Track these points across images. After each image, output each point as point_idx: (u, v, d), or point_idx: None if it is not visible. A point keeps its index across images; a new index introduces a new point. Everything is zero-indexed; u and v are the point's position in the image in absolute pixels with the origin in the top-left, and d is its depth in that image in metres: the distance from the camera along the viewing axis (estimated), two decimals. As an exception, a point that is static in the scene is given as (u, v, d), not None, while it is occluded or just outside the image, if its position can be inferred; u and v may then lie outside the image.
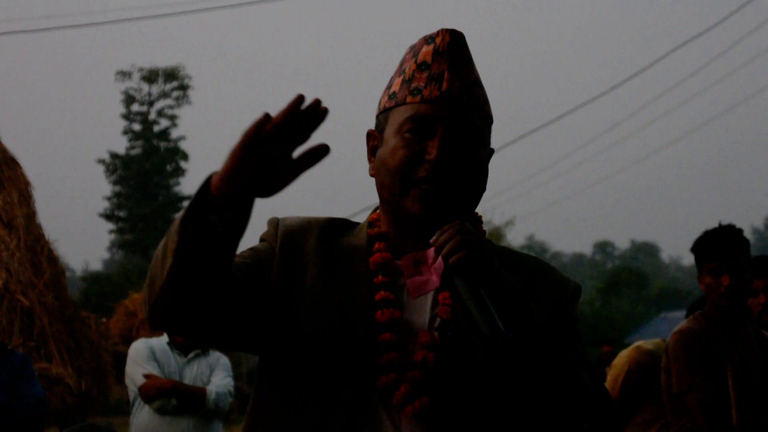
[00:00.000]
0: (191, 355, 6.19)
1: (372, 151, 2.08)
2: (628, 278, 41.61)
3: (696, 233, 4.47)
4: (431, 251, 1.86)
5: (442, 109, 1.97)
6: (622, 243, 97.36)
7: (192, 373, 6.14)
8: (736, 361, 4.19)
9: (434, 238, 1.85)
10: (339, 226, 2.11)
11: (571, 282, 2.10)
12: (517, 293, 1.84)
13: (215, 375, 6.19)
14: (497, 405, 1.89)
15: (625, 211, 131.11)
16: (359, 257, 2.03)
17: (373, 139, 2.08)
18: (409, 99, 2.00)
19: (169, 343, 6.15)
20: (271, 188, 1.71)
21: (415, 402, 1.89)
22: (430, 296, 1.99)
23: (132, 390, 6.09)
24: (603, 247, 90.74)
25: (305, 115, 1.65)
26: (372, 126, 2.12)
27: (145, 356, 6.04)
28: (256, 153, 1.67)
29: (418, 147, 1.96)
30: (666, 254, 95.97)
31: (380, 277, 2.00)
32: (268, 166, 1.68)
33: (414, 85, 2.00)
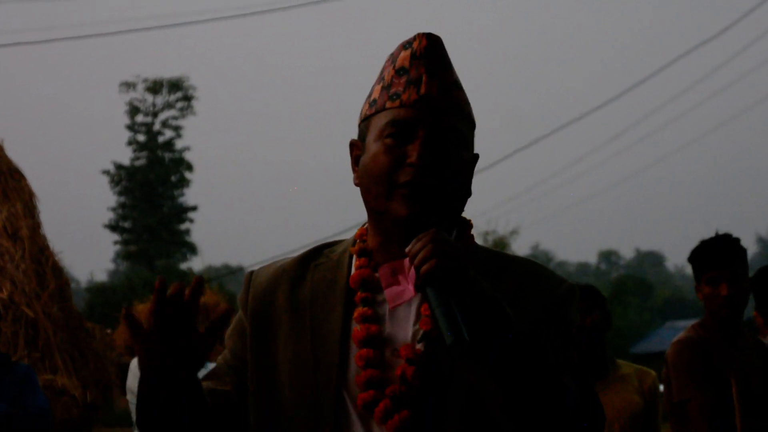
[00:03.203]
0: None
1: (356, 161, 2.06)
2: (634, 287, 41.61)
3: (701, 242, 4.46)
4: (408, 260, 1.85)
5: (421, 112, 1.95)
6: (627, 252, 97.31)
7: None
8: (738, 369, 4.18)
9: (409, 247, 1.84)
10: (316, 256, 2.10)
11: (565, 283, 2.04)
12: (493, 301, 1.81)
13: None
14: (479, 416, 1.87)
15: (630, 220, 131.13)
16: (338, 280, 2.03)
17: (357, 149, 2.06)
18: (388, 104, 1.98)
19: None
20: (194, 361, 1.85)
21: (394, 417, 1.88)
22: (413, 309, 1.97)
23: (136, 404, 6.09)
24: (608, 256, 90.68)
25: (178, 298, 1.82)
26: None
27: None
28: (153, 348, 1.83)
29: (399, 152, 1.94)
30: (671, 263, 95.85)
31: (359, 293, 1.99)
32: (178, 349, 1.83)
33: (393, 90, 1.99)
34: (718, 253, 4.31)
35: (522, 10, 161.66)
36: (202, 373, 1.97)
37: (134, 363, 6.26)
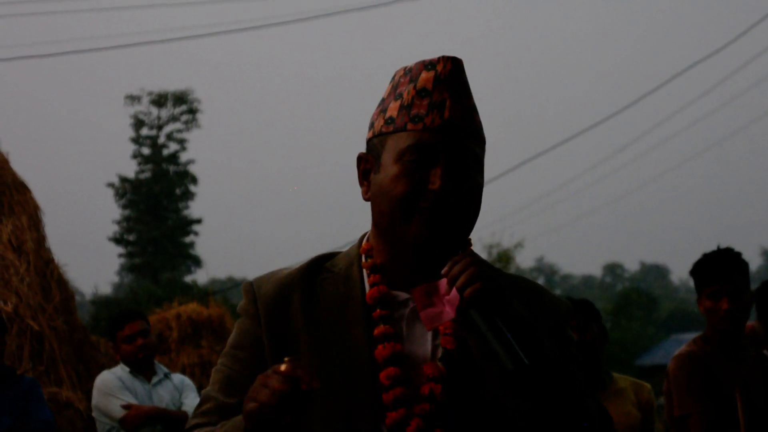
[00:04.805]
0: (155, 380, 6.14)
1: (364, 175, 2.06)
2: (638, 300, 41.54)
3: (706, 255, 4.45)
4: (443, 282, 1.85)
5: (444, 137, 1.95)
6: (631, 265, 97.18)
7: (162, 397, 6.07)
8: (740, 383, 4.18)
9: (446, 269, 1.84)
10: (320, 268, 2.08)
11: (563, 302, 2.10)
12: (528, 323, 1.84)
13: (187, 397, 6.13)
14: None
15: (635, 232, 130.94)
16: (352, 295, 2.02)
17: (366, 163, 2.05)
18: (410, 126, 1.97)
19: (131, 372, 6.10)
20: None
21: None
22: None
23: (105, 422, 5.99)
24: (613, 269, 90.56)
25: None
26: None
27: (118, 387, 5.97)
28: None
29: (420, 175, 1.94)
30: (676, 276, 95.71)
31: (378, 311, 1.98)
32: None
33: (414, 111, 1.97)
34: (719, 268, 4.32)
35: (527, 21, 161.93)
36: None
37: (99, 379, 6.13)
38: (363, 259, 2.06)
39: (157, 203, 45.15)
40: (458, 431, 1.90)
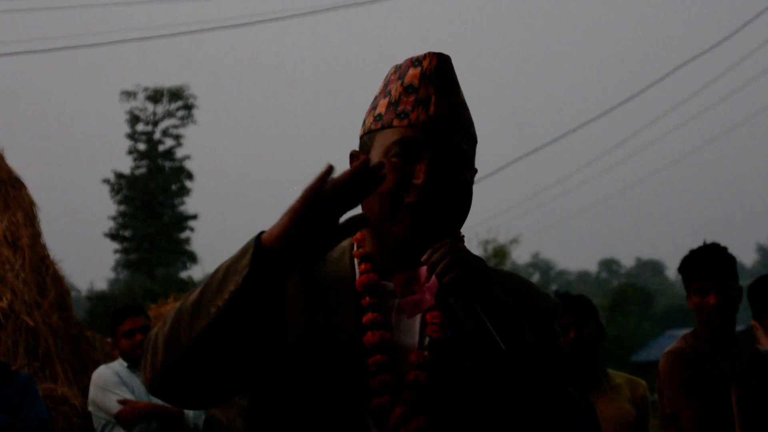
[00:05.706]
0: None
1: None
2: (634, 296, 41.56)
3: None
4: (423, 269, 1.85)
5: (430, 132, 1.96)
6: (627, 261, 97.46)
7: None
8: (735, 378, 4.19)
9: (426, 256, 1.85)
10: None
11: (552, 298, 2.12)
12: (510, 311, 1.83)
13: None
14: (491, 421, 1.88)
15: (631, 228, 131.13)
16: (343, 281, 2.03)
17: (357, 160, 2.04)
18: (395, 122, 1.98)
19: (128, 367, 6.09)
20: (316, 252, 1.75)
21: (410, 423, 1.89)
22: (419, 316, 1.98)
23: (101, 417, 5.98)
24: (608, 264, 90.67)
25: (367, 178, 1.72)
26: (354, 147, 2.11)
27: (115, 382, 5.96)
28: (315, 210, 1.72)
29: (405, 171, 1.95)
30: (671, 272, 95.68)
31: (367, 298, 1.99)
32: (319, 227, 1.73)
33: (401, 108, 1.99)
34: (705, 264, 4.33)
35: (523, 17, 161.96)
36: None
37: (96, 374, 6.13)
38: (354, 248, 2.08)
39: (152, 199, 45.14)
40: (442, 418, 1.90)
